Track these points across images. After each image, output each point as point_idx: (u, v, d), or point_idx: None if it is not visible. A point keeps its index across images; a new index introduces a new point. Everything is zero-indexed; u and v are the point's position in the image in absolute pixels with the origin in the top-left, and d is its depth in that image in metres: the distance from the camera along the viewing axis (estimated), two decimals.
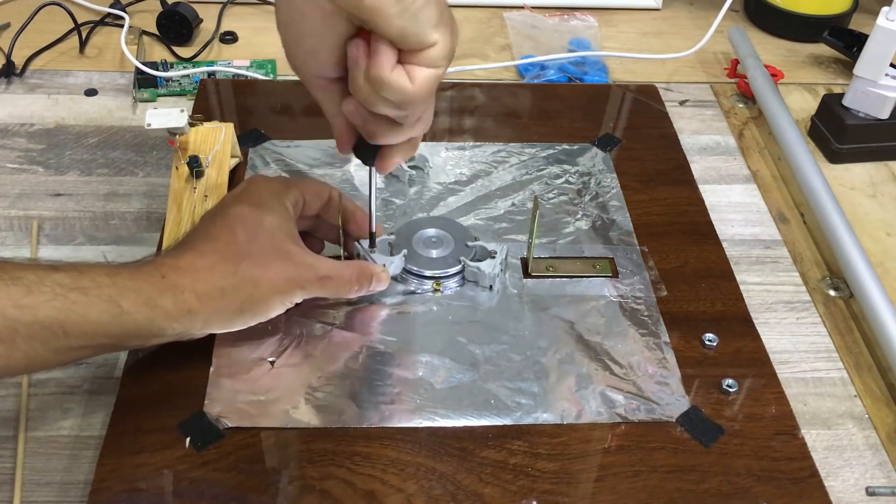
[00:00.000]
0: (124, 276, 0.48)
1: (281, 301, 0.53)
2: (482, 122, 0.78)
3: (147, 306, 0.47)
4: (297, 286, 0.53)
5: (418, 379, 0.55)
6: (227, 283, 0.50)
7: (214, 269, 0.50)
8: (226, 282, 0.50)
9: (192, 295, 0.49)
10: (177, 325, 0.49)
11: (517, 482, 0.50)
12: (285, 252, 0.53)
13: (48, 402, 0.55)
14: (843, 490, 0.53)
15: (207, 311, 0.50)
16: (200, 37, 0.91)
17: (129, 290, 0.47)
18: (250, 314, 0.52)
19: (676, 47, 0.93)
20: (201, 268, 0.50)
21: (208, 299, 0.50)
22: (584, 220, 0.67)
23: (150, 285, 0.48)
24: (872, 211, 0.75)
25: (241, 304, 0.51)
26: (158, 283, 0.48)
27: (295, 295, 0.53)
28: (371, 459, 0.50)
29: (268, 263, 0.51)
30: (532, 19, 0.96)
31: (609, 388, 0.55)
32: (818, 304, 0.66)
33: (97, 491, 0.48)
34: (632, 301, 0.61)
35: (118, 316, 0.46)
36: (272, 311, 0.53)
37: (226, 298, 0.50)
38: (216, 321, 0.51)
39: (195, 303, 0.49)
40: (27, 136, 0.76)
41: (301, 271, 0.53)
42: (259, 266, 0.51)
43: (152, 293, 0.48)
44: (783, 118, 0.79)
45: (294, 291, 0.53)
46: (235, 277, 0.50)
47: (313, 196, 0.57)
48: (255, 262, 0.51)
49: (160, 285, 0.48)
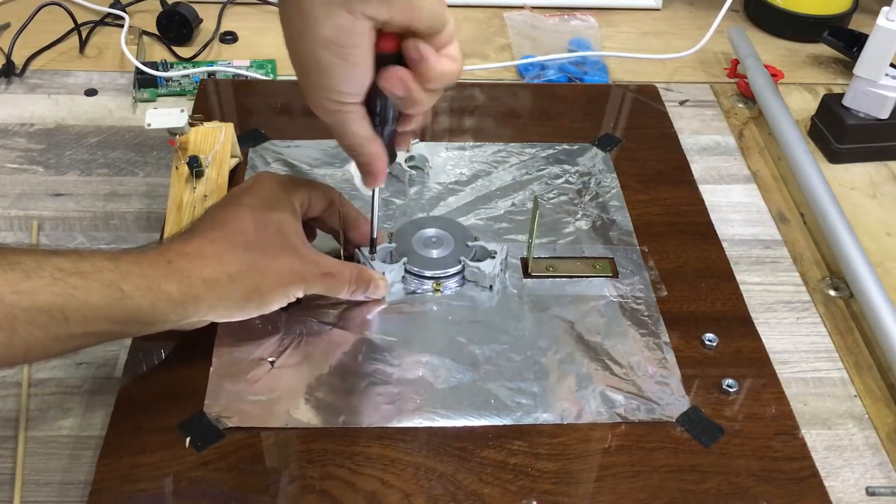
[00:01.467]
0: (127, 260, 0.47)
1: (284, 293, 0.52)
2: (482, 122, 0.78)
3: (150, 291, 0.47)
4: (300, 280, 0.53)
5: (418, 379, 0.55)
6: (235, 271, 0.50)
7: (224, 256, 0.50)
8: (234, 269, 0.50)
9: (199, 281, 0.49)
10: (181, 310, 0.48)
11: (517, 482, 0.50)
12: (292, 246, 0.53)
13: (48, 402, 0.55)
14: (843, 490, 0.53)
15: (213, 298, 0.49)
16: (200, 37, 0.91)
17: (131, 274, 0.46)
18: (254, 305, 0.52)
19: (676, 47, 0.93)
20: (210, 254, 0.50)
21: (215, 286, 0.49)
22: (584, 220, 0.67)
23: (155, 270, 0.47)
24: (872, 211, 0.75)
25: (248, 293, 0.51)
26: (164, 267, 0.48)
27: (297, 289, 0.53)
28: (371, 459, 0.50)
29: (276, 255, 0.51)
30: (532, 19, 0.96)
31: (609, 388, 0.55)
32: (818, 304, 0.66)
33: (97, 491, 0.48)
34: (632, 301, 0.61)
35: (119, 300, 0.45)
36: (274, 303, 0.53)
37: (233, 285, 0.50)
38: (220, 309, 0.50)
39: (202, 289, 0.49)
40: (27, 136, 0.76)
41: (306, 266, 0.53)
42: (267, 256, 0.51)
43: (156, 277, 0.47)
44: (783, 118, 0.79)
45: (297, 285, 0.53)
46: (244, 265, 0.50)
47: (319, 197, 0.57)
48: (264, 252, 0.51)
49: (165, 270, 0.48)
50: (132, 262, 0.47)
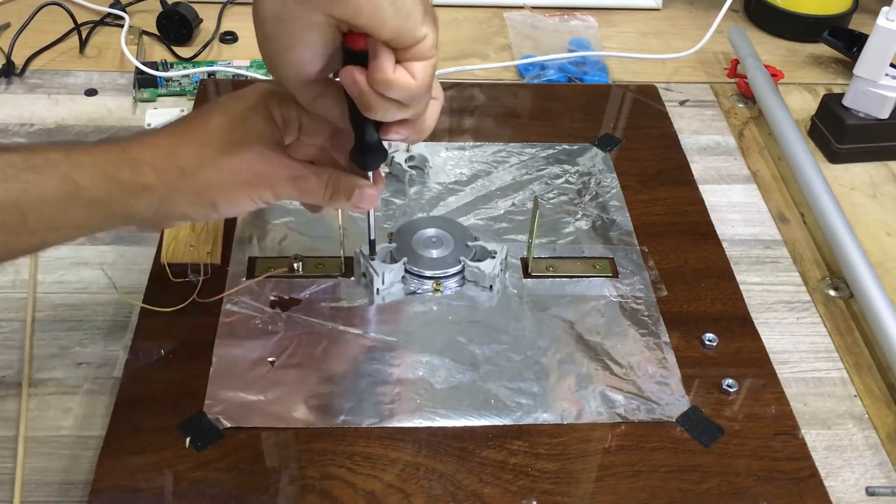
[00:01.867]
0: (79, 152, 0.46)
1: (249, 195, 0.50)
2: (482, 122, 0.78)
3: (104, 181, 0.45)
4: (264, 182, 0.50)
5: (418, 379, 0.55)
6: (186, 164, 0.48)
7: (177, 148, 0.48)
8: (185, 162, 0.48)
9: (150, 168, 0.47)
10: (135, 201, 0.47)
11: (517, 482, 0.50)
12: (258, 149, 0.50)
13: (48, 402, 0.55)
14: (843, 490, 0.53)
15: (165, 188, 0.48)
16: (200, 37, 0.91)
17: (84, 165, 0.45)
18: (207, 203, 0.49)
19: (676, 47, 0.93)
20: (163, 145, 0.48)
21: (166, 175, 0.47)
22: (584, 220, 0.67)
23: (107, 160, 0.46)
24: (872, 211, 0.75)
25: (202, 188, 0.49)
26: (116, 156, 0.47)
27: (264, 192, 0.50)
28: (371, 459, 0.50)
29: (236, 153, 0.49)
30: (532, 19, 0.96)
31: (609, 388, 0.55)
32: (818, 304, 0.66)
33: (97, 491, 0.48)
34: (632, 301, 0.61)
35: (74, 193, 0.44)
36: (238, 203, 0.50)
37: (184, 178, 0.48)
38: (178, 203, 0.49)
39: (153, 177, 0.47)
40: (27, 136, 0.76)
41: (272, 167, 0.50)
42: (225, 153, 0.49)
43: (108, 167, 0.46)
44: (783, 118, 0.79)
45: (263, 188, 0.50)
46: (195, 160, 0.48)
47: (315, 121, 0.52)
48: (222, 149, 0.49)
49: (118, 158, 0.46)
50: (85, 153, 0.46)
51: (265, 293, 0.60)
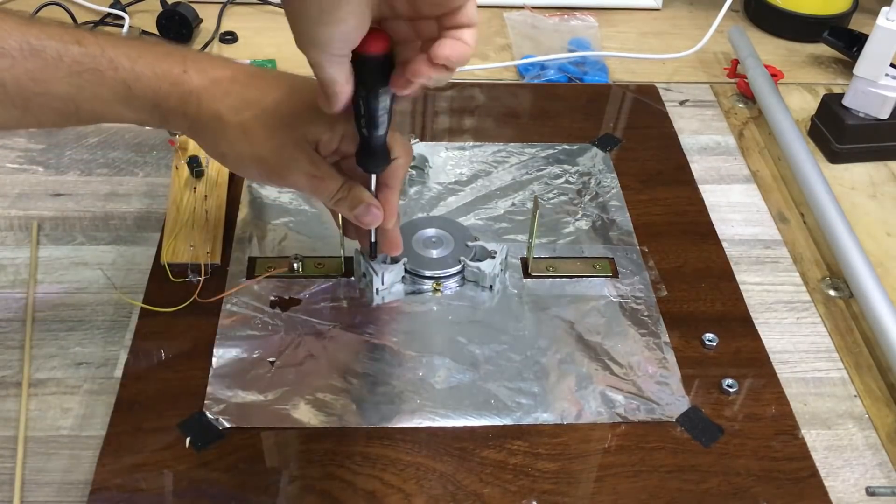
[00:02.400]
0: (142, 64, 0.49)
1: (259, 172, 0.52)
2: (482, 122, 0.78)
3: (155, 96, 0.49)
4: (289, 159, 0.51)
5: (418, 379, 0.55)
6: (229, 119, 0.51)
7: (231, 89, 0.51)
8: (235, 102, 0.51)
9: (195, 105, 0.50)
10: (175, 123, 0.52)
11: (517, 482, 0.50)
12: (296, 140, 0.51)
13: (48, 402, 0.55)
14: (843, 490, 0.53)
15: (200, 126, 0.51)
16: (200, 37, 0.91)
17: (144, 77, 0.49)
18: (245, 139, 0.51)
19: (676, 47, 0.93)
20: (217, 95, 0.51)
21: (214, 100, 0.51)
22: (584, 220, 0.67)
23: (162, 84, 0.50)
24: (872, 211, 0.75)
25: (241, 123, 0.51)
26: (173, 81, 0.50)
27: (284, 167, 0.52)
28: (371, 459, 0.50)
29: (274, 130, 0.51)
30: (532, 19, 0.96)
31: (609, 388, 0.55)
32: (818, 304, 0.66)
33: (97, 491, 0.48)
34: (632, 301, 0.61)
35: (125, 99, 0.49)
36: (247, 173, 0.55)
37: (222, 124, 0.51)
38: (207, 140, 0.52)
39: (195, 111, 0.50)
40: (27, 136, 0.76)
41: (298, 153, 0.51)
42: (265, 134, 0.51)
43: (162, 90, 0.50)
44: (783, 118, 0.79)
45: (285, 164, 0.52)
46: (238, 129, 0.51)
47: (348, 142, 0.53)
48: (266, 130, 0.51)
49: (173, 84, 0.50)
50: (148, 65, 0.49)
51: (265, 293, 0.60)
